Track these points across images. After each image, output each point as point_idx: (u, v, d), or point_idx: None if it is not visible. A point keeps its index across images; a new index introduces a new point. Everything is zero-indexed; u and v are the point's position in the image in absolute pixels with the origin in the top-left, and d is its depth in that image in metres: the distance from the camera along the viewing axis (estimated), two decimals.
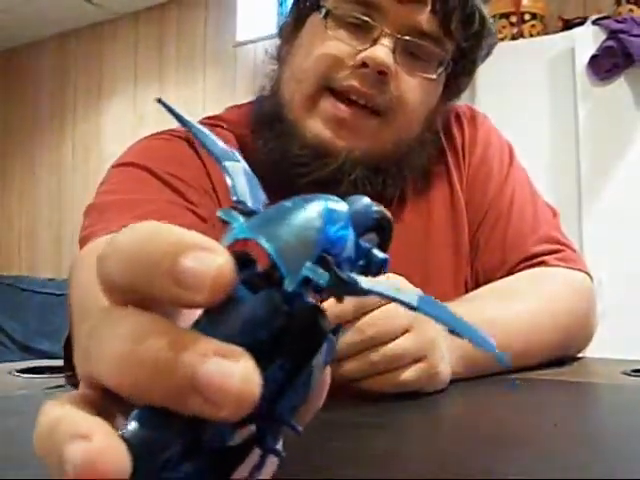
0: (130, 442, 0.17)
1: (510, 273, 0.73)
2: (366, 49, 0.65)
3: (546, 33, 2.50)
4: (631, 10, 2.37)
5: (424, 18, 0.66)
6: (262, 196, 0.23)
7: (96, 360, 0.19)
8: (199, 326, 0.19)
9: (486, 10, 0.69)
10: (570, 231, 0.82)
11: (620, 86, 2.24)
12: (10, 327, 3.18)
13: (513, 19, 2.51)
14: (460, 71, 0.72)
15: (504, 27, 2.52)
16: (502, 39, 2.53)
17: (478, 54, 0.72)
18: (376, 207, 0.24)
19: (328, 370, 0.22)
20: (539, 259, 0.73)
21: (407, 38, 0.66)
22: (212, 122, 0.76)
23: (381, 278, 0.22)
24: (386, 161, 0.69)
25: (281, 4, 3.25)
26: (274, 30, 0.75)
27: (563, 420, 0.42)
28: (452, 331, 0.20)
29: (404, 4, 0.65)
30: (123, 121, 3.92)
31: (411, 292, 0.20)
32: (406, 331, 0.47)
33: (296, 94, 0.68)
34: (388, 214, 0.24)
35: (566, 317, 0.67)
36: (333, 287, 0.20)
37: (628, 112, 2.23)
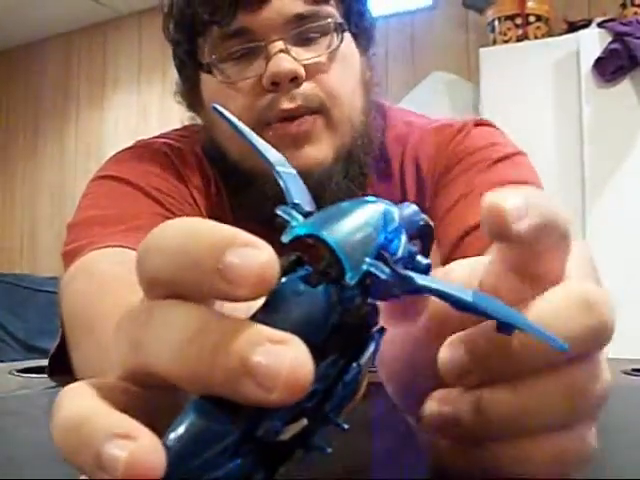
0: (186, 432, 0.18)
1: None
2: (265, 69, 0.62)
3: (551, 35, 2.49)
4: (636, 13, 2.36)
5: (291, 4, 0.63)
6: (312, 202, 0.24)
7: (154, 350, 0.19)
8: (255, 318, 0.20)
9: None
10: (574, 232, 0.82)
11: (625, 88, 2.24)
12: (12, 325, 3.18)
13: (518, 21, 2.51)
14: (356, 16, 0.69)
15: (509, 29, 2.52)
16: (507, 41, 2.52)
17: None
18: (422, 215, 0.25)
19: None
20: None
21: (292, 33, 0.63)
22: (184, 134, 0.76)
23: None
24: (352, 147, 0.67)
25: None
26: None
27: None
28: (507, 326, 0.20)
29: (265, 8, 0.62)
30: (126, 119, 3.92)
31: (464, 289, 0.21)
32: None
33: (237, 148, 0.66)
34: (431, 222, 0.25)
35: None
36: (391, 283, 0.21)
37: (633, 114, 2.22)
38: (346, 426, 0.20)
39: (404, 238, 0.23)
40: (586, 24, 2.43)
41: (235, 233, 0.19)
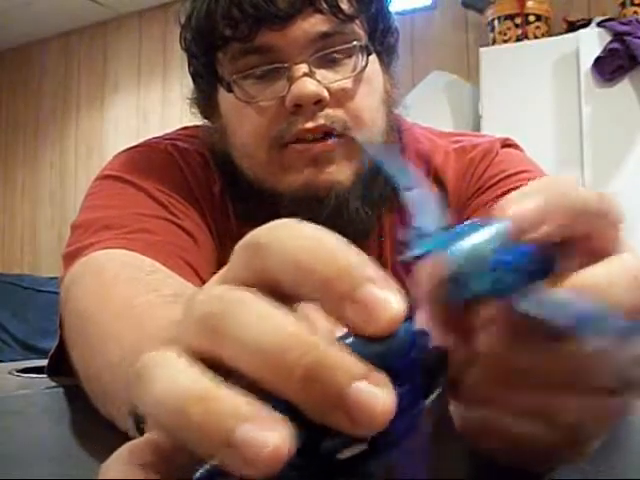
0: None
1: None
2: (288, 90, 0.61)
3: (551, 35, 2.49)
4: (636, 12, 2.36)
5: (316, 23, 0.61)
6: (441, 219, 0.26)
7: (239, 344, 0.19)
8: (347, 339, 0.20)
9: None
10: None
11: (624, 88, 2.24)
12: (12, 325, 3.18)
13: (518, 20, 2.51)
14: (381, 33, 0.68)
15: (509, 28, 2.52)
16: (507, 41, 2.52)
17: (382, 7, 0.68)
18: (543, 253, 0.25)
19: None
20: None
21: (317, 55, 0.62)
22: (191, 133, 0.75)
23: None
24: (372, 169, 0.65)
25: None
26: None
27: None
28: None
29: (289, 27, 0.61)
30: (126, 119, 3.93)
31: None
32: None
33: (256, 168, 0.65)
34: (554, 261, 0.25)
35: None
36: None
37: (632, 114, 2.22)
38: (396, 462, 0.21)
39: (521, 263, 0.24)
40: (586, 23, 2.44)
41: (371, 265, 0.20)
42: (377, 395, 0.18)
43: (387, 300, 0.19)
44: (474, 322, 0.24)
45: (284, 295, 0.21)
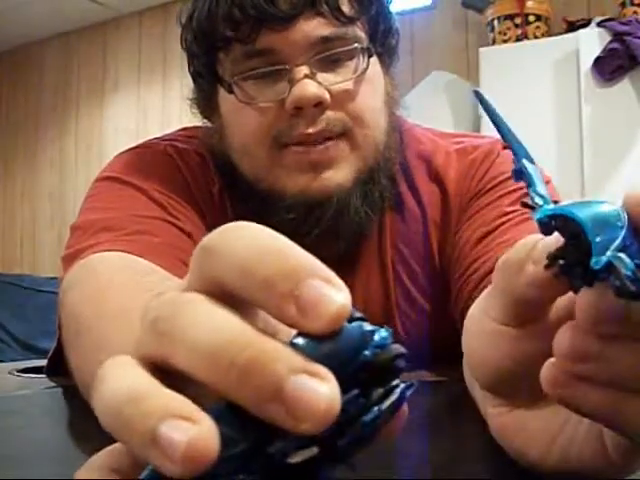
0: None
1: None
2: (289, 92, 0.61)
3: (550, 35, 2.49)
4: (636, 12, 2.36)
5: (317, 25, 0.61)
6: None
7: (183, 345, 0.19)
8: (294, 340, 0.20)
9: None
10: None
11: (624, 88, 2.24)
12: (12, 325, 3.18)
13: (517, 20, 2.51)
14: (382, 35, 0.68)
15: (508, 28, 2.52)
16: (506, 41, 2.52)
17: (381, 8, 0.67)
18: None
19: (401, 420, 0.21)
20: None
21: (318, 57, 0.62)
22: (190, 134, 0.75)
23: None
24: (373, 170, 0.66)
25: None
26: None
27: None
28: None
29: (291, 29, 0.61)
30: (126, 119, 3.92)
31: None
32: None
33: (256, 168, 0.65)
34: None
35: None
36: (629, 282, 0.21)
37: (632, 114, 2.22)
38: (355, 466, 0.20)
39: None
40: (585, 23, 2.43)
41: (314, 265, 0.19)
42: (317, 388, 0.18)
43: (330, 296, 0.19)
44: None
45: (241, 300, 0.20)
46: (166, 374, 0.20)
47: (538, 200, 0.25)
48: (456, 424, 0.46)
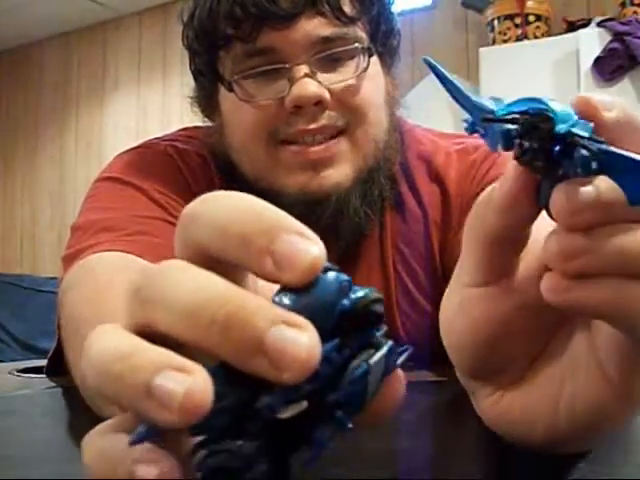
0: None
1: None
2: (288, 91, 0.61)
3: (550, 35, 2.49)
4: (635, 12, 2.36)
5: (318, 25, 0.62)
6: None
7: (165, 307, 0.20)
8: (274, 296, 0.20)
9: None
10: None
11: (624, 87, 2.24)
12: (12, 325, 3.18)
13: (517, 20, 2.51)
14: (383, 35, 0.68)
15: (508, 28, 2.52)
16: (506, 41, 2.52)
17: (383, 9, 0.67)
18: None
19: (398, 384, 0.22)
20: None
21: (319, 56, 0.62)
22: (190, 134, 0.75)
23: None
24: (373, 169, 0.66)
25: None
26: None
27: None
28: None
29: (292, 28, 0.61)
30: (126, 119, 3.92)
31: None
32: None
33: (255, 166, 0.65)
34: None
35: None
36: (585, 154, 0.23)
37: None
38: (350, 425, 0.20)
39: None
40: (585, 23, 2.44)
41: (290, 220, 0.20)
42: (297, 337, 0.18)
43: (304, 249, 0.19)
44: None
45: (225, 264, 0.21)
46: (153, 342, 0.20)
47: (490, 104, 0.26)
48: (456, 424, 0.46)
